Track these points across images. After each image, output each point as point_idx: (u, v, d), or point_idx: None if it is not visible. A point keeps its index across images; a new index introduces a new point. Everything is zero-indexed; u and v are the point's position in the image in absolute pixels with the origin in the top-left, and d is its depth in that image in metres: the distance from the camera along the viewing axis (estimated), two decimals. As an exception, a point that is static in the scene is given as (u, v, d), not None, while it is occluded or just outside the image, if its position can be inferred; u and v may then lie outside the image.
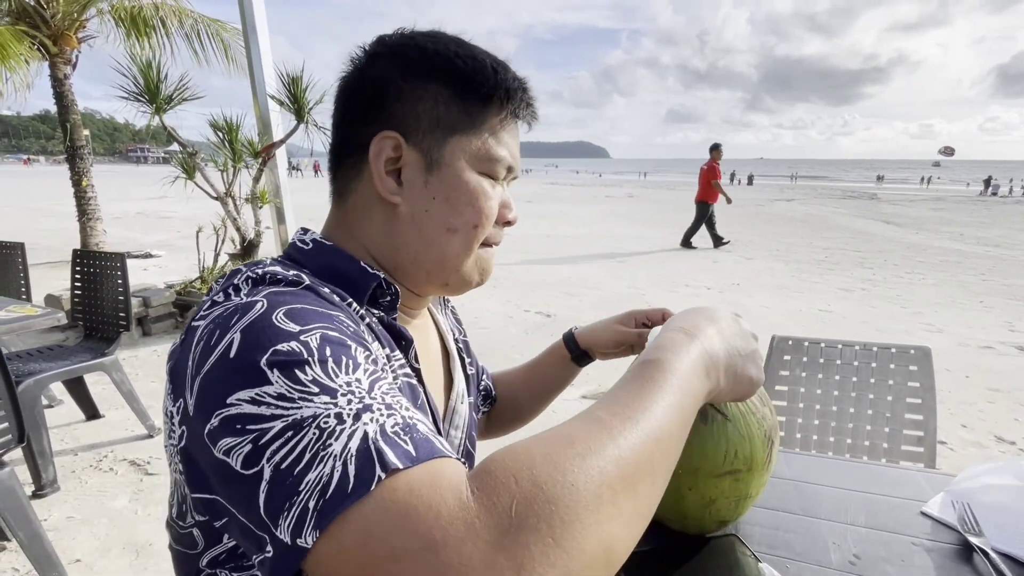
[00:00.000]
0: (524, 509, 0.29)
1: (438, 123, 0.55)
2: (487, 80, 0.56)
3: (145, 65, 3.32)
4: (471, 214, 0.56)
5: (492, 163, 0.57)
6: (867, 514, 0.76)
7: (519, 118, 0.60)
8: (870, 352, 1.30)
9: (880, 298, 5.64)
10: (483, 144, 0.56)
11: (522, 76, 0.60)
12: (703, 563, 0.66)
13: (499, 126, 0.57)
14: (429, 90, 0.54)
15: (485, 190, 0.57)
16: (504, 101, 0.57)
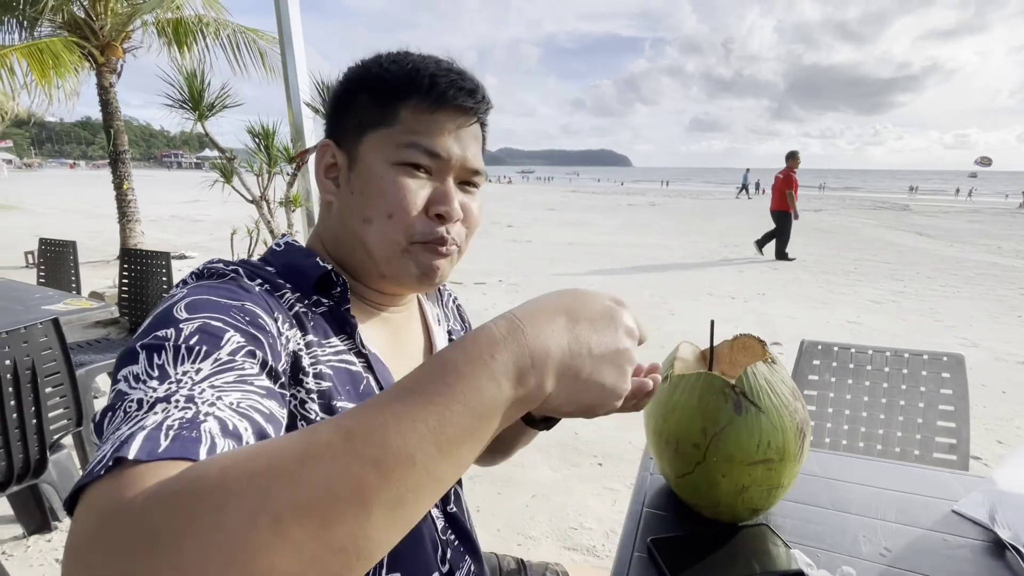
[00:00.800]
0: (155, 523, 0.25)
1: (359, 125, 0.60)
2: (399, 76, 0.58)
3: (190, 74, 3.48)
4: (383, 204, 0.57)
5: (408, 151, 0.57)
6: (897, 511, 0.78)
7: (444, 104, 0.57)
8: (901, 359, 1.30)
9: (912, 311, 5.50)
10: (397, 135, 0.57)
11: (454, 65, 0.60)
12: (735, 549, 0.69)
13: (417, 116, 0.57)
14: (358, 99, 0.60)
15: (398, 180, 0.57)
16: (418, 92, 0.57)
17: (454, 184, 0.60)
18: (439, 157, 0.58)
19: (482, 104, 0.61)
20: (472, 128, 0.61)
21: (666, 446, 0.73)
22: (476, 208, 0.64)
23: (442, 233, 0.59)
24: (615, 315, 0.40)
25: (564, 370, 0.36)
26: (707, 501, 0.71)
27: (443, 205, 0.58)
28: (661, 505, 0.80)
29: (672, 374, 0.75)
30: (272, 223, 4.28)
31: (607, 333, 0.39)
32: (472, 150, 0.61)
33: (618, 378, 0.39)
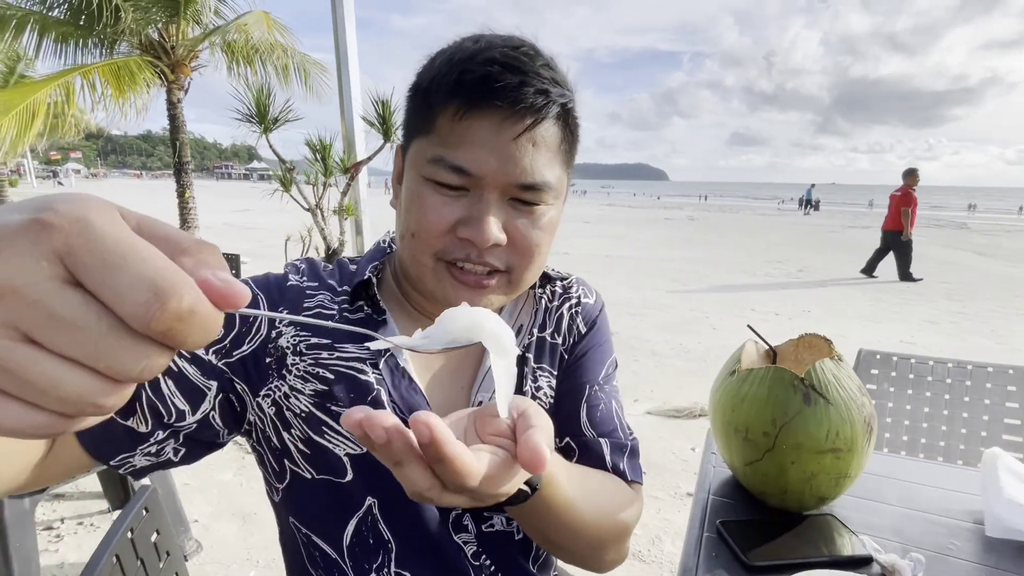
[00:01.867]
0: None
1: (408, 131, 0.56)
2: (437, 74, 0.51)
3: (259, 90, 3.74)
4: (410, 221, 0.54)
5: (432, 167, 0.51)
6: (965, 511, 0.80)
7: (475, 106, 0.49)
8: (964, 370, 1.29)
9: (972, 332, 5.25)
10: (430, 146, 0.52)
11: (505, 52, 0.50)
12: (802, 534, 0.73)
13: (451, 123, 0.50)
14: (410, 102, 0.56)
15: (422, 197, 0.52)
16: (451, 92, 0.50)
17: (499, 201, 0.52)
18: (468, 173, 0.50)
19: (535, 99, 0.49)
20: (527, 130, 0.50)
21: (735, 434, 0.77)
22: (533, 232, 0.54)
23: (469, 254, 0.52)
24: None
25: None
26: (775, 488, 0.75)
27: (470, 228, 0.51)
28: (726, 494, 0.84)
29: (739, 368, 0.80)
30: (325, 230, 4.50)
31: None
32: (523, 161, 0.50)
33: None
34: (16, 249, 0.18)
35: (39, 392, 0.19)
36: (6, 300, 0.18)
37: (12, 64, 12.66)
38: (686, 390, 3.46)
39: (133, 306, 0.18)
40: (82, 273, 0.18)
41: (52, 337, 0.18)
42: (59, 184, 42.50)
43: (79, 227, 0.18)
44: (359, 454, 0.57)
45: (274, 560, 1.84)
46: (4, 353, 0.18)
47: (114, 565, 0.54)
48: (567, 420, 0.66)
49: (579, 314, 0.70)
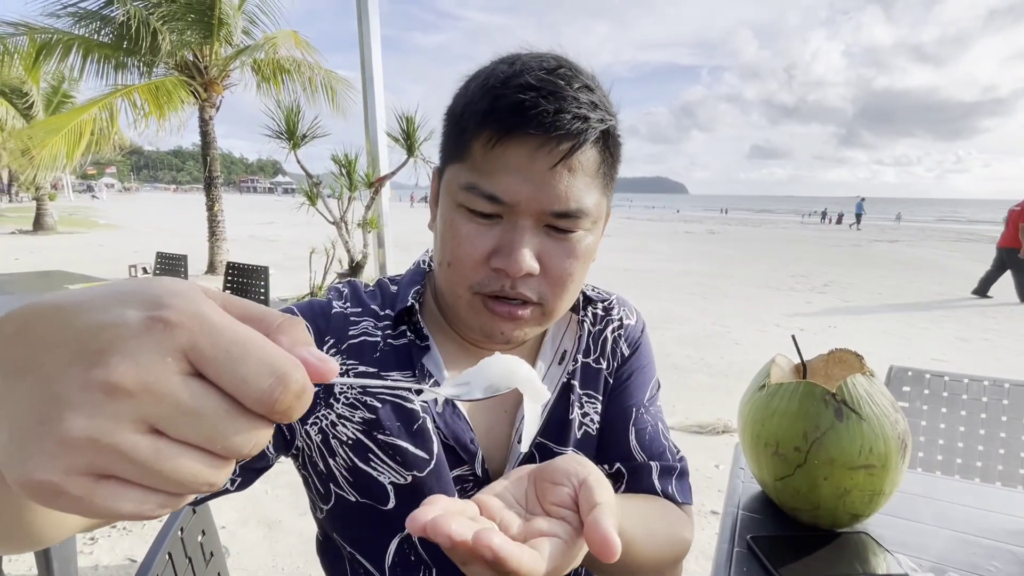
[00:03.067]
0: None
1: (444, 156, 0.56)
2: (471, 99, 0.51)
3: (289, 108, 3.88)
4: (445, 250, 0.53)
5: (466, 194, 0.51)
6: (1005, 532, 0.78)
7: (509, 133, 0.48)
8: (1001, 388, 1.26)
9: (1008, 350, 5.07)
10: (463, 173, 0.51)
11: (540, 77, 0.48)
12: (835, 551, 0.72)
13: (485, 150, 0.49)
14: (445, 126, 0.56)
15: (456, 225, 0.52)
16: (478, 123, 0.49)
17: (534, 229, 0.51)
18: (500, 202, 0.49)
19: (572, 125, 0.48)
20: (564, 158, 0.49)
21: (765, 448, 0.77)
22: (567, 261, 0.53)
23: (503, 287, 0.52)
24: (97, 341, 0.20)
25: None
26: (807, 504, 0.75)
27: (503, 257, 0.50)
28: (756, 509, 0.83)
29: (769, 383, 0.80)
30: (349, 243, 4.59)
31: (60, 357, 0.20)
32: (559, 188, 0.49)
33: (24, 438, 0.19)
34: (144, 348, 0.19)
35: (160, 478, 0.20)
36: (138, 397, 0.19)
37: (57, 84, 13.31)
38: (709, 405, 3.41)
39: (258, 392, 0.20)
40: (205, 365, 0.20)
41: (176, 426, 0.20)
42: (94, 198, 43.94)
43: (199, 323, 0.20)
44: (403, 484, 0.58)
45: (298, 568, 1.86)
46: (132, 446, 0.19)
47: (167, 562, 0.57)
48: (616, 445, 0.67)
49: (622, 337, 0.70)
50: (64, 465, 0.19)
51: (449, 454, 0.59)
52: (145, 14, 6.48)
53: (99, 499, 0.19)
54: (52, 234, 14.41)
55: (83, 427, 0.18)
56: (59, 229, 15.38)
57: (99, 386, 0.19)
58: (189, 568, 0.64)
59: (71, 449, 0.19)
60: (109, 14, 6.76)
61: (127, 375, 0.19)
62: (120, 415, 0.19)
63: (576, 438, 0.65)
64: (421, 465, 0.58)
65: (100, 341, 0.19)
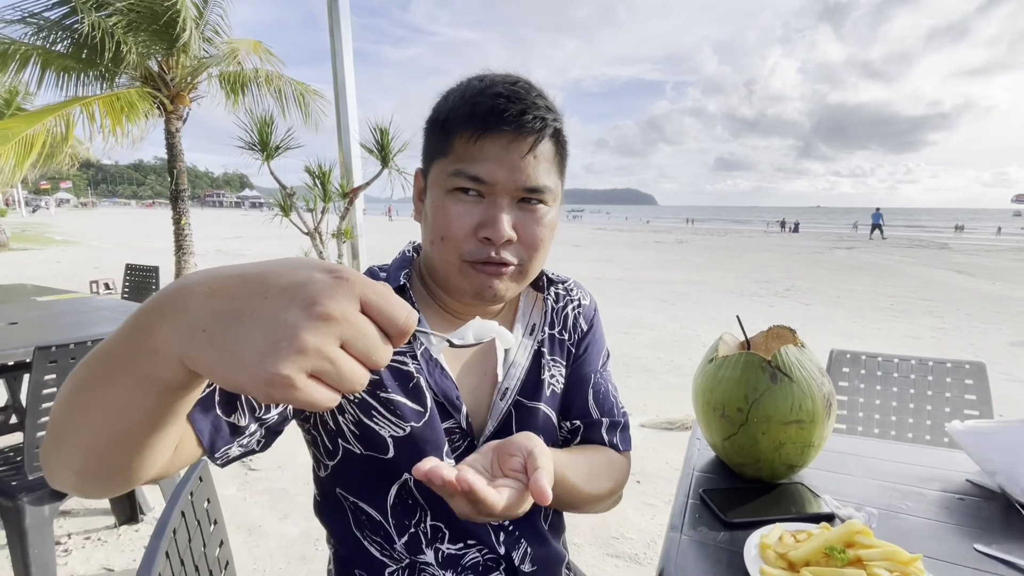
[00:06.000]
0: None
1: (429, 156, 0.68)
2: (452, 107, 0.63)
3: (262, 120, 3.90)
4: (437, 228, 0.64)
5: (454, 179, 0.62)
6: (919, 478, 0.90)
7: (487, 129, 0.60)
8: (926, 366, 1.41)
9: (952, 347, 5.42)
10: (449, 164, 0.63)
11: (506, 87, 0.62)
12: (774, 498, 0.83)
13: (466, 144, 0.62)
14: (429, 131, 0.68)
15: (447, 205, 0.63)
16: (465, 121, 0.61)
17: (510, 205, 0.63)
18: (483, 182, 0.61)
19: (535, 123, 0.61)
20: (530, 148, 0.62)
21: (713, 412, 0.88)
22: (537, 228, 0.65)
23: (489, 254, 0.63)
24: (307, 290, 0.29)
25: (203, 327, 0.30)
26: (749, 459, 0.85)
27: (488, 228, 0.62)
28: (708, 470, 0.94)
29: (717, 356, 0.91)
30: (324, 254, 4.60)
31: (276, 302, 0.29)
32: (527, 170, 0.62)
33: (265, 351, 0.28)
34: (340, 294, 0.29)
35: (343, 378, 0.30)
36: (340, 323, 0.29)
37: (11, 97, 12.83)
38: (678, 404, 3.55)
39: (400, 321, 0.32)
40: (370, 305, 0.31)
41: (355, 343, 0.30)
42: (33, 211, 41.05)
43: (363, 280, 0.31)
44: (401, 436, 0.68)
45: (280, 570, 1.88)
46: (336, 354, 0.29)
47: (181, 520, 0.63)
48: (578, 404, 0.82)
49: (580, 314, 0.84)
50: (299, 366, 0.28)
51: (440, 409, 0.70)
52: (108, 25, 6.37)
53: (311, 391, 0.29)
54: (4, 251, 13.78)
55: (313, 340, 0.28)
56: (11, 246, 14.72)
57: (319, 315, 0.28)
58: (199, 531, 0.69)
59: (303, 355, 0.28)
60: (71, 24, 6.62)
61: (336, 309, 0.29)
62: (331, 334, 0.29)
63: (546, 395, 0.78)
64: (417, 417, 0.68)
65: (310, 289, 0.29)
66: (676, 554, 0.71)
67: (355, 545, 0.72)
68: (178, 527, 0.62)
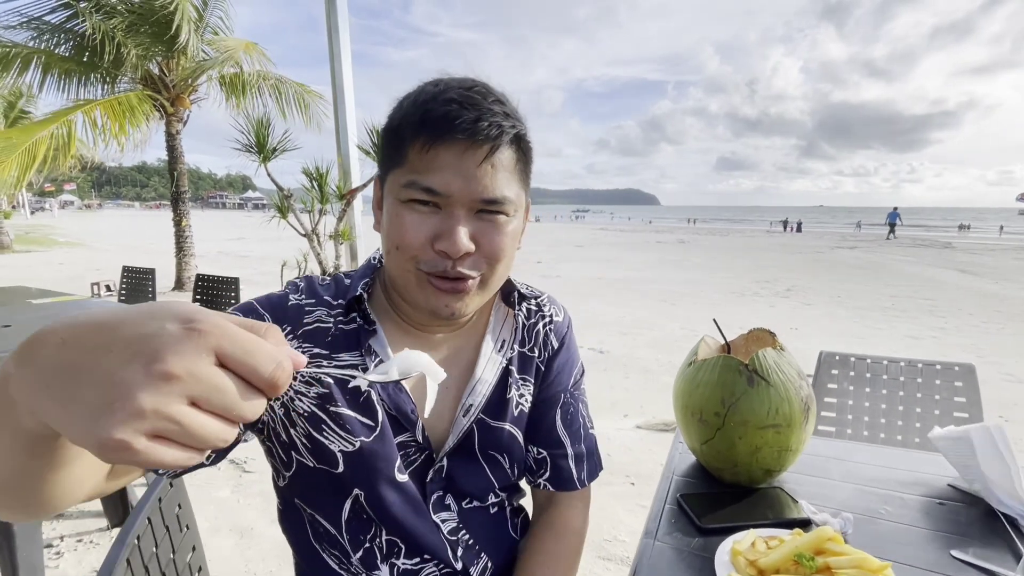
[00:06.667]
0: None
1: (384, 165, 0.64)
2: (405, 116, 0.60)
3: (258, 122, 3.90)
4: (393, 236, 0.61)
5: (408, 190, 0.59)
6: (899, 482, 0.89)
7: (440, 139, 0.57)
8: (915, 368, 1.40)
9: (954, 346, 5.38)
10: (403, 174, 0.60)
11: (461, 94, 0.58)
12: (751, 503, 0.82)
13: (419, 154, 0.59)
14: (384, 140, 0.64)
15: (402, 215, 0.60)
16: (417, 130, 0.58)
17: (467, 216, 0.60)
18: (437, 193, 0.58)
19: (490, 130, 0.58)
20: (486, 157, 0.58)
21: (691, 417, 0.87)
22: (498, 238, 0.62)
23: (446, 268, 0.60)
24: (150, 345, 0.28)
25: (41, 370, 0.29)
26: (727, 463, 0.85)
27: (444, 240, 0.59)
28: (688, 474, 0.93)
29: (696, 359, 0.90)
30: (321, 255, 4.61)
31: (118, 357, 0.28)
32: (484, 180, 0.59)
33: (99, 412, 0.27)
34: (188, 349, 0.28)
35: (194, 437, 0.28)
36: (185, 381, 0.27)
37: (14, 100, 12.90)
38: (675, 405, 3.53)
39: (266, 374, 0.30)
40: (227, 358, 0.29)
41: (208, 400, 0.28)
42: (32, 212, 40.44)
43: (221, 330, 0.29)
44: (351, 451, 0.66)
45: (271, 572, 1.88)
46: (180, 414, 0.27)
47: (147, 526, 0.62)
48: (546, 427, 0.79)
49: (552, 331, 0.80)
50: (133, 428, 0.26)
51: (393, 423, 0.68)
52: (109, 27, 6.40)
53: (153, 453, 0.27)
54: (7, 253, 13.86)
55: (150, 401, 0.26)
56: (15, 248, 14.80)
57: (159, 374, 0.27)
58: (167, 537, 0.69)
59: (140, 417, 0.26)
60: (72, 27, 6.65)
61: (178, 366, 0.27)
62: (173, 393, 0.27)
63: (512, 415, 0.75)
64: (367, 432, 0.66)
65: (153, 344, 0.27)
66: (648, 560, 0.71)
67: (314, 557, 0.71)
68: (143, 534, 0.61)
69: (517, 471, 0.78)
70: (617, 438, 3.02)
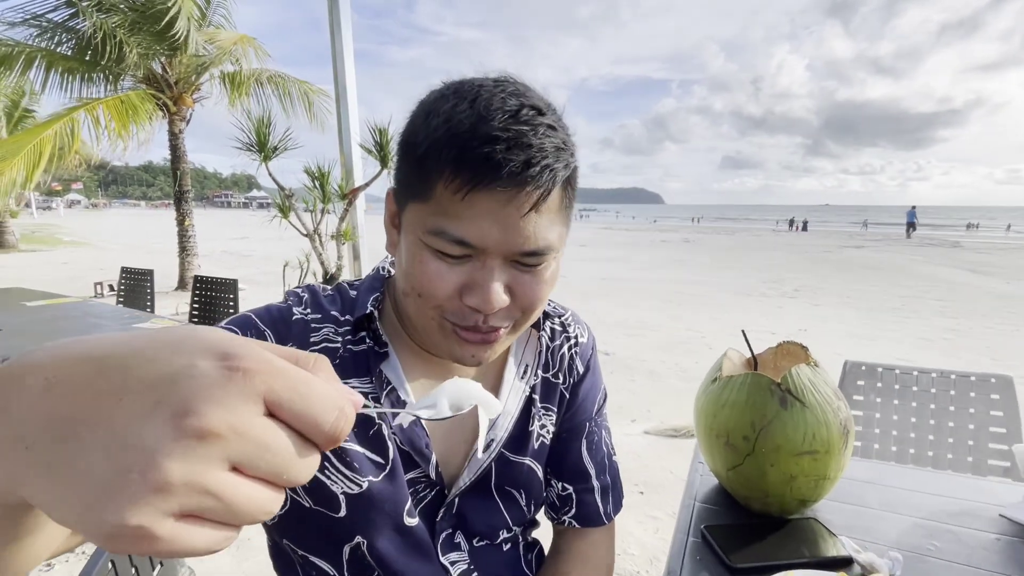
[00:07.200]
0: None
1: (403, 188, 0.54)
2: (433, 139, 0.48)
3: (259, 120, 3.84)
4: (414, 282, 0.52)
5: (435, 238, 0.50)
6: (946, 513, 0.81)
7: (479, 185, 0.47)
8: (948, 380, 1.31)
9: (967, 349, 5.27)
10: (428, 215, 0.50)
11: (509, 123, 0.46)
12: (784, 537, 0.74)
13: (449, 195, 0.48)
14: (403, 157, 0.53)
15: (427, 262, 0.51)
16: (446, 169, 0.47)
17: (502, 266, 0.51)
18: (470, 246, 0.49)
19: (540, 177, 0.47)
20: (532, 205, 0.48)
21: (716, 440, 0.79)
22: (536, 288, 0.53)
23: (476, 322, 0.52)
24: (180, 391, 0.20)
25: (18, 424, 0.21)
26: (757, 492, 0.77)
27: (475, 295, 0.50)
28: (712, 500, 0.85)
29: (721, 376, 0.82)
30: (323, 255, 4.55)
31: (133, 407, 0.20)
32: (527, 231, 0.49)
33: (108, 488, 0.19)
34: (230, 395, 0.20)
35: (235, 513, 0.21)
36: (227, 440, 0.20)
37: (17, 99, 12.91)
38: (683, 409, 3.45)
39: (326, 425, 0.22)
40: (280, 406, 0.21)
41: (254, 463, 0.21)
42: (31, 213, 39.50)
43: (271, 369, 0.21)
44: (355, 494, 0.58)
45: (268, 586, 1.82)
46: (220, 484, 0.20)
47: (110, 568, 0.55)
48: (571, 460, 0.73)
49: (577, 355, 0.73)
50: (157, 509, 0.19)
51: (404, 458, 0.61)
52: (110, 26, 6.36)
53: (180, 539, 0.20)
54: (13, 252, 13.90)
55: (180, 471, 0.19)
56: (20, 247, 14.84)
57: (192, 432, 0.19)
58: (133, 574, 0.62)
59: (166, 493, 0.19)
60: (74, 25, 6.62)
61: (218, 421, 0.20)
62: (212, 457, 0.20)
63: (533, 448, 0.69)
64: (376, 471, 0.59)
65: (183, 391, 0.20)
66: (673, 606, 0.63)
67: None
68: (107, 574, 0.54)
69: (534, 508, 0.71)
70: (625, 444, 2.94)
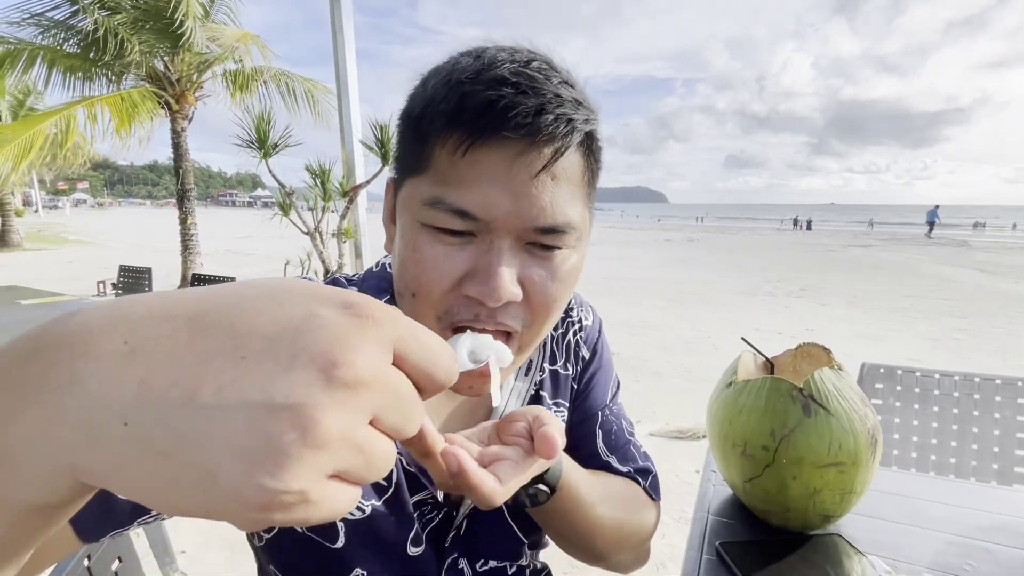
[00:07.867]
0: None
1: (401, 166, 0.47)
2: (420, 98, 0.43)
3: (259, 117, 3.80)
4: (408, 278, 0.45)
5: (430, 211, 0.42)
6: (979, 528, 0.75)
7: (483, 137, 0.40)
8: (972, 383, 1.25)
9: (976, 350, 5.18)
10: (425, 186, 0.43)
11: (517, 70, 0.40)
12: (807, 555, 0.69)
13: (450, 158, 0.41)
14: (402, 130, 0.47)
15: (419, 247, 0.43)
16: (443, 126, 0.41)
17: (513, 248, 0.43)
18: (473, 217, 0.41)
19: (556, 127, 0.40)
20: (547, 165, 0.41)
21: (732, 449, 0.74)
22: (553, 285, 0.44)
23: (477, 315, 0.43)
24: (317, 341, 0.18)
25: (101, 397, 0.17)
26: (777, 506, 0.71)
27: (479, 283, 0.42)
28: (727, 514, 0.80)
29: (736, 380, 0.77)
30: (324, 253, 4.51)
31: (263, 365, 0.18)
32: (542, 199, 0.41)
33: (257, 456, 0.17)
34: (368, 343, 0.19)
35: (372, 468, 0.19)
36: (373, 390, 0.19)
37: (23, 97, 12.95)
38: (688, 410, 3.39)
39: (446, 373, 0.22)
40: (406, 354, 0.21)
41: (389, 415, 0.20)
42: (34, 212, 39.02)
43: (396, 316, 0.21)
44: (356, 520, 0.53)
45: (263, 592, 1.77)
46: (365, 438, 0.19)
47: None
48: (586, 454, 0.66)
49: (582, 340, 0.67)
50: (318, 470, 0.17)
51: (409, 479, 0.55)
52: (112, 24, 6.34)
53: (335, 500, 0.18)
54: (18, 251, 13.94)
55: (339, 426, 0.18)
56: (25, 246, 14.88)
57: (344, 383, 0.18)
58: None
59: (327, 451, 0.17)
60: (76, 23, 6.60)
61: (367, 370, 0.19)
62: (361, 410, 0.19)
63: None
64: (379, 493, 0.53)
65: (320, 341, 0.18)
66: (688, 634, 0.58)
67: None
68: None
69: None
70: (629, 446, 2.89)
